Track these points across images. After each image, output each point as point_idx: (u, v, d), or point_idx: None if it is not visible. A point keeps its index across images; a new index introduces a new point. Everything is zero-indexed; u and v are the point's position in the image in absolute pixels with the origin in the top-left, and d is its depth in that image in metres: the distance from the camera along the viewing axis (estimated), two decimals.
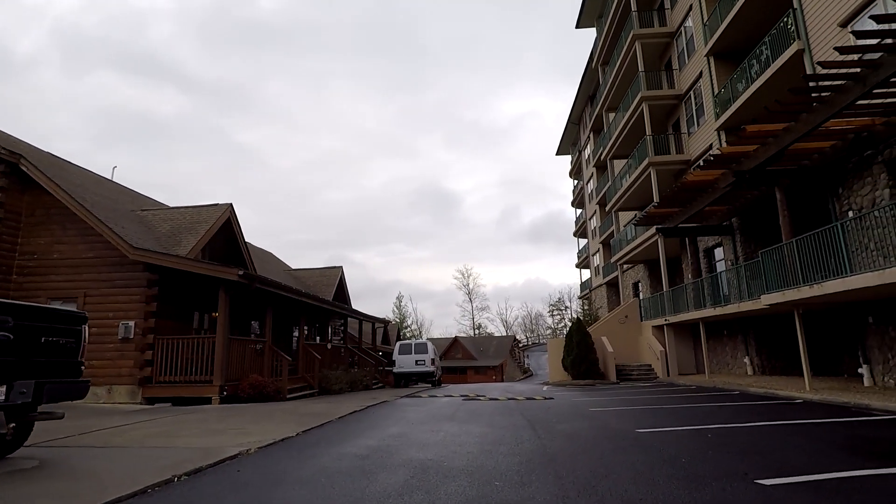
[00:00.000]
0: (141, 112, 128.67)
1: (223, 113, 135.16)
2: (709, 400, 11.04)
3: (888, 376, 11.47)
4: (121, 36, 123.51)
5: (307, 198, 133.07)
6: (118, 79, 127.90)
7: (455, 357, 68.48)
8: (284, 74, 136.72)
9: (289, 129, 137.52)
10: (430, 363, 22.65)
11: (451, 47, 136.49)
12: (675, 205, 17.38)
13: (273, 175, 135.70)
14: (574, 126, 45.70)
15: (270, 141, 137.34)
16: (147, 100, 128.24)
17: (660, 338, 21.52)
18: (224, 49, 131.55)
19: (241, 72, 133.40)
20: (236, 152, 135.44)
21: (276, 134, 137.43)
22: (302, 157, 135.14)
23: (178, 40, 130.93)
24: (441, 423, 7.94)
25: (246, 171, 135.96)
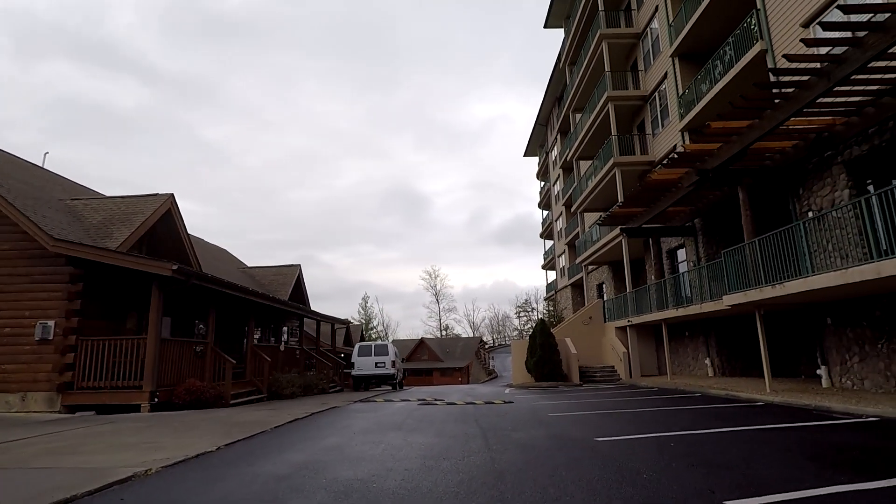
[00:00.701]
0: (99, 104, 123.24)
1: (187, 107, 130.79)
2: (670, 403, 10.71)
3: (845, 378, 11.40)
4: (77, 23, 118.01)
5: (274, 197, 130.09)
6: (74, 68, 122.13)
7: (421, 359, 67.74)
8: (251, 70, 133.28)
9: (256, 127, 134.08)
10: (390, 365, 21.89)
11: (422, 48, 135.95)
12: (640, 204, 17.18)
13: (239, 173, 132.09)
14: (542, 128, 45.72)
15: (237, 138, 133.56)
16: (106, 91, 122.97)
17: (623, 339, 21.37)
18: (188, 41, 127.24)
19: (206, 65, 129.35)
20: (201, 148, 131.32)
21: (243, 131, 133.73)
22: (269, 156, 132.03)
23: (140, 30, 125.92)
24: (386, 432, 7.26)
25: (211, 169, 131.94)
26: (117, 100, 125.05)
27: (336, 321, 24.88)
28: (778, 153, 12.43)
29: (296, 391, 16.44)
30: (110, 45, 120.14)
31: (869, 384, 10.73)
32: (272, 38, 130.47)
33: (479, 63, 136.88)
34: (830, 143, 11.26)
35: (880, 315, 10.39)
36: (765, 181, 12.50)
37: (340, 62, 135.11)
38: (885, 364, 10.32)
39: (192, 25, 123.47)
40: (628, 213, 18.08)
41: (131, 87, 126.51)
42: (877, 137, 10.31)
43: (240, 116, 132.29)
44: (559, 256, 41.39)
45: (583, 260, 28.47)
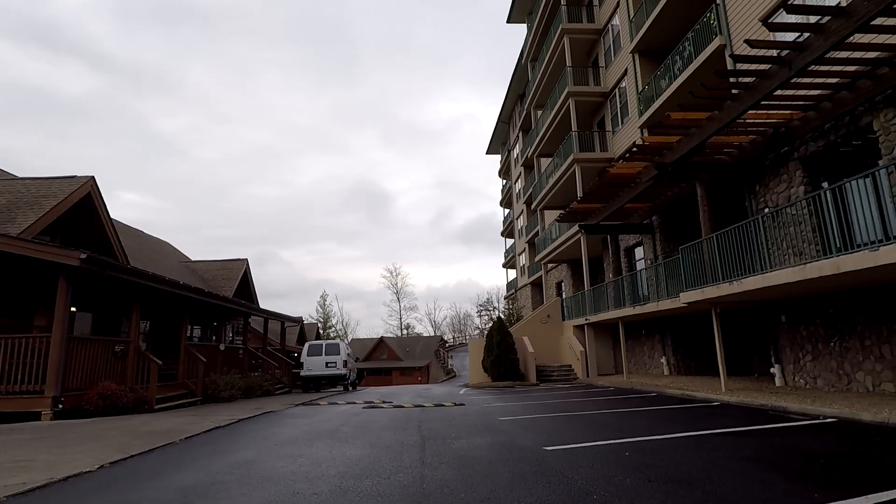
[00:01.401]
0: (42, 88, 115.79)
1: (139, 96, 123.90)
2: (626, 404, 10.28)
3: (798, 376, 11.27)
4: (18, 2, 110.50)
5: (231, 192, 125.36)
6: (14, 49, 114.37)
7: (381, 358, 66.60)
8: (206, 59, 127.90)
9: (212, 118, 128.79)
10: (342, 365, 20.90)
11: (386, 43, 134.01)
12: (598, 200, 16.86)
13: (194, 166, 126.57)
14: (504, 125, 45.45)
15: (192, 130, 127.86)
16: (50, 75, 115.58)
17: (580, 338, 21.11)
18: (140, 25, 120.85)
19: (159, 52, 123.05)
20: (152, 139, 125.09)
21: (199, 122, 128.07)
22: (226, 149, 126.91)
23: (88, 12, 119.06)
24: (314, 442, 6.44)
25: (164, 161, 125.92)
26: (62, 85, 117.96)
27: (286, 319, 23.68)
28: (736, 148, 12.23)
29: (235, 394, 15.31)
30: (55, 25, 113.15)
31: (822, 383, 10.60)
32: (228, 26, 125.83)
33: (444, 60, 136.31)
34: (787, 139, 11.09)
35: (833, 313, 10.25)
36: (722, 177, 12.29)
37: (301, 54, 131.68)
38: (837, 362, 10.19)
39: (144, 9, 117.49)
40: (587, 209, 17.75)
41: (78, 71, 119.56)
42: (832, 133, 10.16)
43: (195, 107, 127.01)
44: (519, 255, 41.20)
45: (542, 258, 28.20)
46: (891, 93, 8.91)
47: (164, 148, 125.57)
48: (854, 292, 9.74)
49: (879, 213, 8.93)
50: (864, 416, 7.02)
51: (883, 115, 9.10)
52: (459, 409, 10.57)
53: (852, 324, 9.83)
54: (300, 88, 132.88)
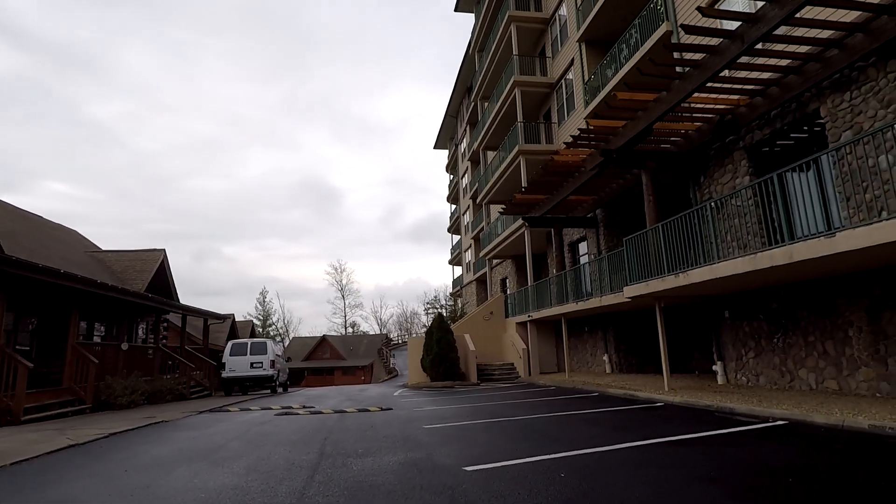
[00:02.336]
0: None
1: (67, 79, 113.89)
2: (567, 405, 9.48)
3: (741, 373, 10.87)
4: None
5: (172, 185, 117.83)
6: None
7: (323, 357, 64.35)
8: (144, 43, 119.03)
9: (150, 107, 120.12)
10: (269, 365, 19.25)
11: (337, 37, 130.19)
12: (543, 191, 16.16)
13: (130, 156, 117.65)
14: (452, 119, 44.55)
15: (128, 118, 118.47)
16: None
17: (523, 335, 20.45)
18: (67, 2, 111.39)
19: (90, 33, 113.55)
20: (83, 126, 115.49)
21: (136, 111, 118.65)
22: (166, 140, 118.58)
23: None
24: (179, 466, 5.12)
25: (95, 149, 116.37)
26: None
27: (210, 315, 21.71)
28: (682, 136, 11.74)
29: (136, 399, 13.50)
30: None
31: (764, 380, 10.20)
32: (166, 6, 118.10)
33: (398, 53, 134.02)
34: (733, 128, 10.64)
35: (777, 308, 9.86)
36: (668, 166, 11.76)
37: (248, 44, 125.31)
38: (780, 359, 9.80)
39: None
40: (531, 200, 17.03)
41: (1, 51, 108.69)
42: (779, 121, 9.74)
43: (131, 93, 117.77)
44: (465, 251, 40.46)
45: (486, 253, 27.46)
46: (838, 77, 8.51)
47: (96, 136, 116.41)
48: (798, 286, 9.34)
49: (822, 204, 8.53)
50: (815, 418, 6.43)
51: (830, 100, 8.70)
52: (384, 414, 9.43)
53: (796, 319, 9.44)
54: (247, 78, 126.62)
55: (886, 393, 7.79)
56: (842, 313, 8.51)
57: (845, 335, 8.45)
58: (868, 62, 8.04)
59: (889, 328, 7.76)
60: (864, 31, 7.73)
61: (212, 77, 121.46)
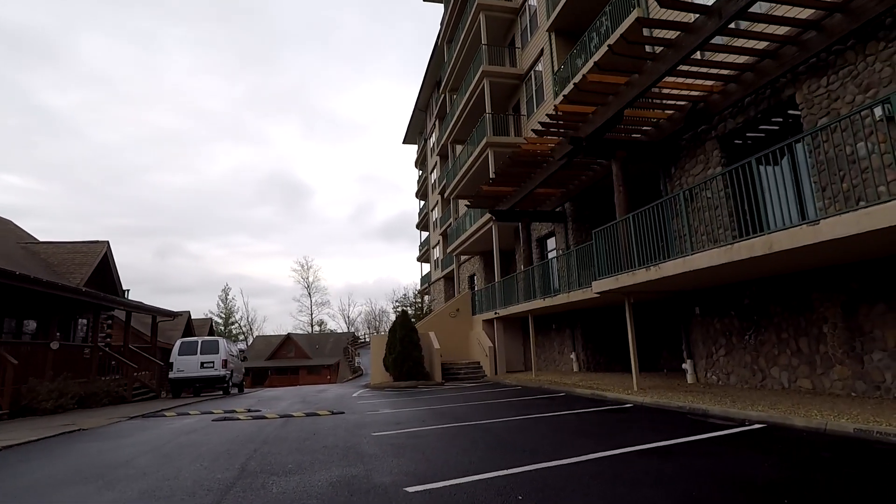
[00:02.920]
0: None
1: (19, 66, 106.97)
2: (532, 407, 8.86)
3: (711, 372, 10.48)
4: None
5: (134, 178, 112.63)
6: None
7: (287, 356, 62.72)
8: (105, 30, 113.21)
9: (111, 98, 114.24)
10: (220, 365, 18.09)
11: (306, 30, 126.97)
12: (510, 183, 15.56)
13: (89, 149, 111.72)
14: (421, 113, 43.72)
15: (87, 108, 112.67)
16: None
17: (490, 333, 19.86)
18: None
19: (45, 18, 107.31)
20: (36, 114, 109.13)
21: (95, 101, 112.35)
22: (128, 132, 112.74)
23: None
24: (60, 490, 4.24)
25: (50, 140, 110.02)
26: None
27: (158, 312, 20.35)
28: (653, 126, 11.29)
29: (65, 403, 12.29)
30: None
31: (735, 379, 9.82)
32: None
33: (370, 47, 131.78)
34: (705, 117, 10.21)
35: (749, 304, 9.47)
36: (639, 156, 11.29)
37: (215, 34, 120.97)
38: (752, 357, 9.41)
39: None
40: (498, 193, 16.42)
41: None
42: (753, 108, 9.35)
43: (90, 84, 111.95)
44: (434, 248, 39.74)
45: (454, 249, 26.79)
46: (815, 61, 8.13)
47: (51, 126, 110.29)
48: (772, 281, 8.96)
49: (797, 195, 8.13)
50: (795, 421, 5.96)
51: (806, 86, 8.32)
52: (333, 419, 8.61)
53: (768, 315, 9.06)
54: (213, 70, 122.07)
55: (862, 392, 7.43)
56: (816, 309, 8.14)
57: (819, 332, 8.09)
58: (846, 45, 7.66)
59: (865, 324, 7.40)
60: (844, 10, 7.34)
61: (176, 68, 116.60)
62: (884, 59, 7.19)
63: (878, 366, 7.22)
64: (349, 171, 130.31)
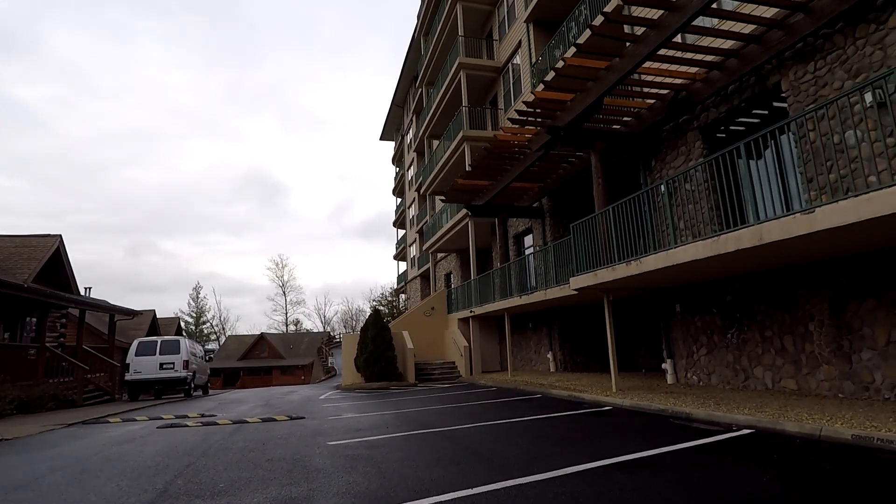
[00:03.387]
0: None
1: None
2: (506, 410, 8.31)
3: (691, 372, 10.09)
4: None
5: (104, 175, 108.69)
6: None
7: (260, 356, 61.16)
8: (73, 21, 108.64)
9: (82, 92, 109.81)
10: (181, 366, 17.14)
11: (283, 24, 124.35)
12: (486, 176, 15.02)
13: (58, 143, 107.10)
14: (398, 109, 42.95)
15: (56, 102, 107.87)
16: None
17: (465, 332, 19.31)
18: None
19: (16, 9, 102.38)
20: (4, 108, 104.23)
21: (64, 94, 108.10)
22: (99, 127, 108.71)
23: None
24: None
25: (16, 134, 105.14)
26: None
27: (116, 310, 19.25)
28: (633, 116, 10.86)
29: (2, 409, 11.28)
30: None
31: (716, 379, 9.43)
32: None
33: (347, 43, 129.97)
34: (687, 106, 9.81)
35: (732, 301, 9.08)
36: (618, 147, 10.85)
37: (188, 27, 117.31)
38: (734, 356, 9.03)
39: None
40: (474, 186, 15.86)
41: None
42: (736, 97, 8.96)
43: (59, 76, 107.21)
44: (410, 245, 39.06)
45: (429, 246, 26.18)
46: (802, 46, 7.75)
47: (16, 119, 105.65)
48: (756, 277, 8.58)
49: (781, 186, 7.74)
50: (786, 426, 5.51)
51: (793, 72, 7.94)
52: (289, 425, 7.91)
53: (751, 313, 8.67)
54: (188, 65, 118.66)
55: (850, 393, 7.06)
56: (802, 306, 7.76)
57: (805, 330, 7.71)
58: (835, 28, 7.29)
59: (854, 322, 7.03)
60: None
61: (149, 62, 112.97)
62: (874, 41, 6.82)
63: (867, 365, 6.86)
64: (327, 168, 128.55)
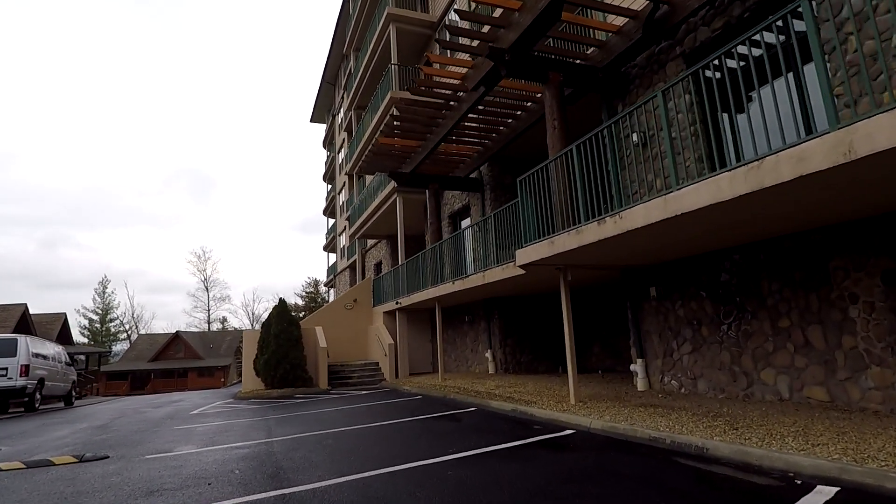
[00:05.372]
0: None
1: None
2: (423, 437, 5.56)
3: (669, 375, 7.75)
4: None
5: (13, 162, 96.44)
6: None
7: (175, 356, 55.37)
8: None
9: None
10: (17, 373, 13.19)
11: None
12: (414, 135, 12.22)
13: None
14: (329, 86, 39.25)
15: None
16: None
17: (392, 328, 16.44)
18: None
19: None
20: None
21: None
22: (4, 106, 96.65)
23: None
24: None
25: None
26: None
27: None
28: (598, 45, 8.38)
29: None
30: None
31: (705, 385, 7.11)
32: None
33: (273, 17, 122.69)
34: (668, 28, 7.42)
35: (729, 280, 6.78)
36: (578, 83, 8.38)
37: None
38: (731, 355, 6.73)
39: None
40: (402, 147, 13.02)
41: None
42: (738, 4, 6.65)
43: None
44: (340, 235, 35.65)
45: (356, 231, 23.09)
46: None
47: None
48: (763, 247, 6.30)
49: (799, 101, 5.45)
50: (887, 484, 3.09)
51: None
52: (50, 481, 4.75)
53: (758, 295, 6.39)
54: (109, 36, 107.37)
55: None
56: (838, 283, 5.50)
57: (844, 317, 5.46)
58: None
59: None
60: None
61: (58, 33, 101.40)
62: None
63: None
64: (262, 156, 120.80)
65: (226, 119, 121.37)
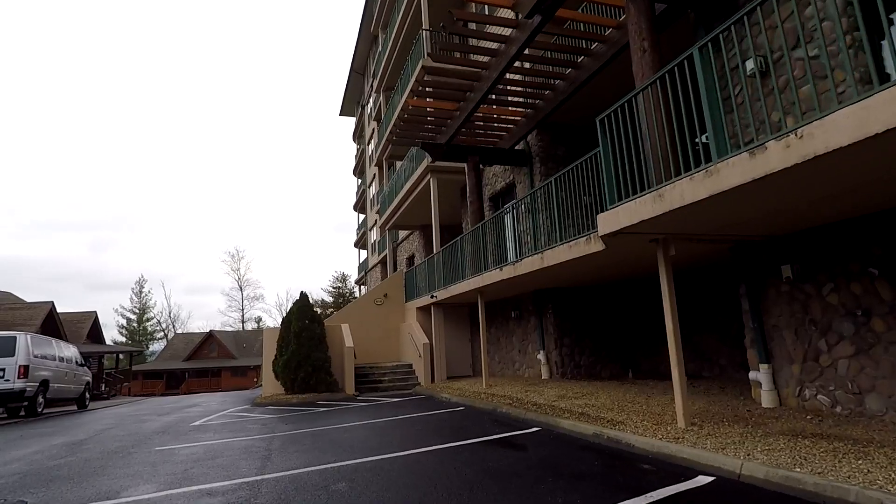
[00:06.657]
0: None
1: None
2: (477, 483, 3.64)
3: (814, 387, 5.58)
4: None
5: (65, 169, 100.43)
6: None
7: (209, 356, 55.34)
8: None
9: None
10: (15, 374, 11.97)
11: None
12: (449, 93, 10.35)
13: None
14: (358, 76, 37.81)
15: None
16: None
17: (426, 325, 14.59)
18: None
19: None
20: None
21: None
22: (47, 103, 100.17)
23: None
24: None
25: None
26: None
27: None
28: None
29: None
30: None
31: (878, 403, 4.94)
32: None
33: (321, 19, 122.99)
34: None
35: None
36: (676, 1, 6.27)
37: None
38: None
39: None
40: (437, 111, 11.19)
41: None
42: None
43: None
44: (371, 229, 34.11)
45: (385, 222, 21.37)
46: None
47: None
48: None
49: None
50: None
51: None
52: None
53: None
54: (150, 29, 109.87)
55: None
56: None
57: None
58: None
59: None
60: None
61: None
62: None
63: None
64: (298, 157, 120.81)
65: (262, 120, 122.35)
